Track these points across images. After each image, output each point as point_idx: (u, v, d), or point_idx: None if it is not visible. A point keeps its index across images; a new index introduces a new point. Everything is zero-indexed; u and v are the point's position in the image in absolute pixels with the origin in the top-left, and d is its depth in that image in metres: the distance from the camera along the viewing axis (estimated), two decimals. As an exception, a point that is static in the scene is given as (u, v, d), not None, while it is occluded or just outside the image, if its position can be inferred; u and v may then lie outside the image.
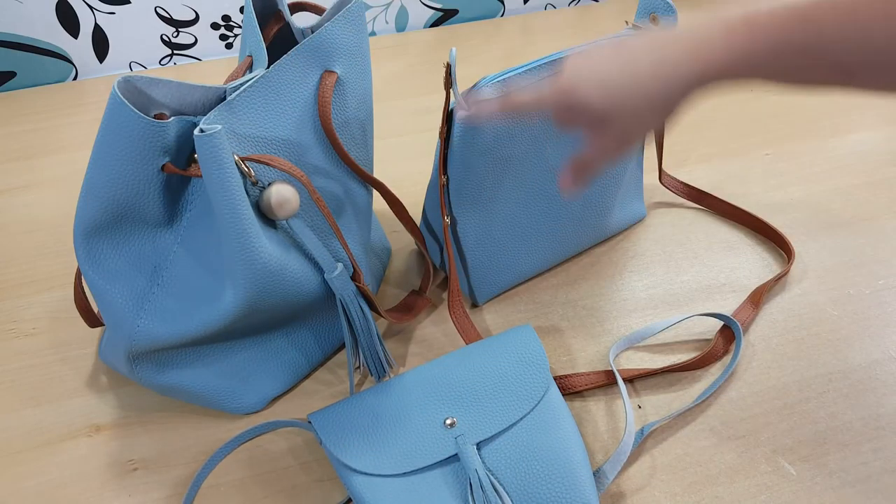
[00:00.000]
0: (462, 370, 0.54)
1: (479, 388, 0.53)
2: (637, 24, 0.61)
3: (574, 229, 0.67)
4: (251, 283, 0.48)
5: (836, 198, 0.77)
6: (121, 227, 0.48)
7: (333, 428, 0.51)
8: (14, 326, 0.65)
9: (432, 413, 0.52)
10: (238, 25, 1.06)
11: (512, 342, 0.55)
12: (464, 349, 0.56)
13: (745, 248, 0.71)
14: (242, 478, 0.53)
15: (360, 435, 0.51)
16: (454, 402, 0.52)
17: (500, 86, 0.55)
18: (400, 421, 0.51)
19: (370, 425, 0.51)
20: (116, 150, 0.45)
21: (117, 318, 0.50)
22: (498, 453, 0.50)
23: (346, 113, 0.54)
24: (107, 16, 0.99)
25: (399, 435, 0.51)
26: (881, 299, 0.65)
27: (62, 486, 0.53)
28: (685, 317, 0.62)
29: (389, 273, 0.69)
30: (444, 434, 0.51)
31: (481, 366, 0.54)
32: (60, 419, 0.57)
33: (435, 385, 0.53)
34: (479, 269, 0.64)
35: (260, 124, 0.49)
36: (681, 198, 0.77)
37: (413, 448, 0.50)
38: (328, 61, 0.52)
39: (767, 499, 0.51)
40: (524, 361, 0.54)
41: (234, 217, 0.45)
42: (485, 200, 0.61)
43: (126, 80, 0.43)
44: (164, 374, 0.54)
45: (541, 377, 0.53)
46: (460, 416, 0.51)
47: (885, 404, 0.57)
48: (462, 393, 0.52)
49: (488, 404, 0.52)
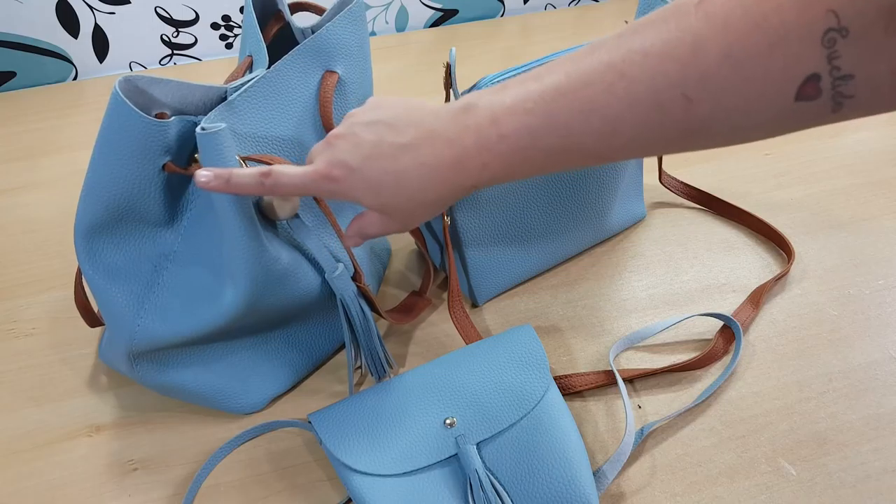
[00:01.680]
0: (462, 370, 0.54)
1: (479, 389, 0.53)
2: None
3: (574, 229, 0.67)
4: (251, 283, 0.48)
5: (836, 198, 0.77)
6: (121, 227, 0.48)
7: (333, 428, 0.51)
8: (14, 326, 0.65)
9: (432, 413, 0.52)
10: (238, 25, 1.06)
11: (512, 342, 0.55)
12: (464, 349, 0.56)
13: (745, 248, 0.71)
14: (242, 478, 0.53)
15: (360, 435, 0.51)
16: (454, 403, 0.52)
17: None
18: (400, 421, 0.51)
19: (370, 425, 0.51)
20: (117, 150, 0.45)
21: (117, 318, 0.50)
22: (498, 453, 0.50)
23: (346, 113, 0.54)
24: (107, 16, 0.99)
25: (399, 435, 0.51)
26: (881, 299, 0.65)
27: (62, 486, 0.53)
28: (685, 317, 0.62)
29: (389, 273, 0.69)
30: (443, 434, 0.51)
31: (481, 366, 0.54)
32: (60, 419, 0.57)
33: (435, 385, 0.53)
34: (479, 269, 0.64)
35: (261, 124, 0.49)
36: (681, 198, 0.77)
37: (413, 448, 0.50)
38: (329, 61, 0.52)
39: (767, 499, 0.51)
40: (524, 362, 0.54)
41: (234, 216, 0.45)
42: (484, 200, 0.61)
43: (127, 80, 0.43)
44: (165, 373, 0.54)
45: (541, 378, 0.53)
46: (460, 416, 0.51)
47: (885, 404, 0.57)
48: (462, 393, 0.52)
49: (488, 404, 0.52)
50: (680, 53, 0.34)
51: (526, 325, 0.57)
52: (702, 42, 0.34)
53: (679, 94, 0.35)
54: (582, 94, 0.37)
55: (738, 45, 0.33)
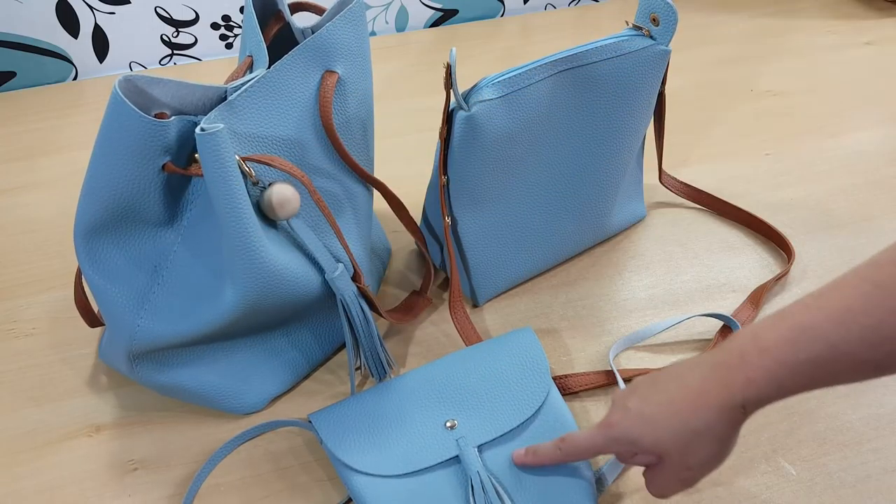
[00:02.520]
0: (463, 372, 0.54)
1: (480, 391, 0.53)
2: (637, 24, 0.61)
3: (574, 229, 0.67)
4: (251, 283, 0.48)
5: (836, 198, 0.77)
6: (121, 227, 0.48)
7: (334, 428, 0.51)
8: (14, 326, 0.65)
9: (433, 414, 0.52)
10: (238, 25, 1.06)
11: (512, 345, 0.55)
12: (464, 351, 0.56)
13: (745, 248, 0.71)
14: (242, 478, 0.53)
15: (361, 435, 0.51)
16: (455, 405, 0.52)
17: (500, 88, 0.55)
18: (401, 422, 0.51)
19: (371, 426, 0.51)
20: (117, 150, 0.45)
21: (117, 318, 0.50)
22: (499, 456, 0.50)
23: (346, 113, 0.54)
24: (107, 16, 0.99)
25: (400, 436, 0.51)
26: (881, 299, 0.65)
27: (62, 486, 0.53)
28: (685, 317, 0.62)
29: (390, 273, 0.69)
30: (445, 435, 0.51)
31: (482, 368, 0.54)
32: (60, 419, 0.57)
33: (436, 387, 0.53)
34: (480, 269, 0.64)
35: (261, 124, 0.49)
36: (681, 198, 0.77)
37: (414, 449, 0.50)
38: (329, 61, 0.52)
39: (767, 499, 0.51)
40: (524, 365, 0.54)
41: (235, 216, 0.45)
42: (485, 201, 0.61)
43: (127, 80, 0.43)
44: (165, 373, 0.54)
45: (541, 381, 0.53)
46: (461, 418, 0.51)
47: (885, 404, 0.57)
48: (463, 395, 0.52)
49: (489, 407, 0.52)
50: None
51: (526, 327, 0.57)
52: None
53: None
54: (837, 302, 0.38)
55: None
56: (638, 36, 0.61)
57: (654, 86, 0.63)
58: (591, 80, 0.60)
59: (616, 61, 0.60)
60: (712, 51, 1.05)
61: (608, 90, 0.61)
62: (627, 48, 0.60)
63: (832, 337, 0.38)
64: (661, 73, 0.63)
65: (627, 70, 0.61)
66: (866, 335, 0.37)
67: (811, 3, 1.18)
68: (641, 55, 0.61)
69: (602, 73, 0.60)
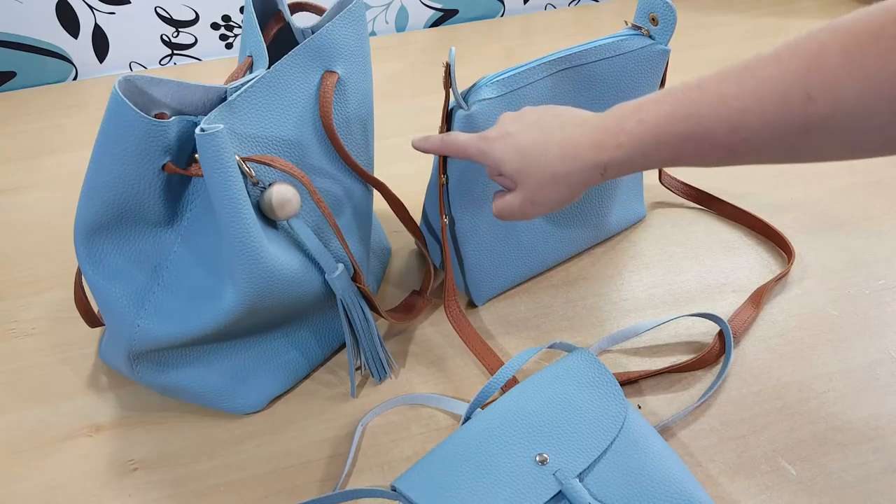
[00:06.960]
0: (533, 405, 0.50)
1: (558, 420, 0.49)
2: (636, 23, 0.61)
3: (574, 229, 0.67)
4: (252, 283, 0.48)
5: (836, 198, 0.77)
6: (121, 227, 0.48)
7: (424, 489, 0.47)
8: (14, 326, 0.65)
9: (520, 453, 0.48)
10: (238, 25, 1.06)
11: (574, 368, 0.52)
12: (524, 384, 0.52)
13: (745, 248, 0.71)
14: (243, 478, 0.53)
15: (455, 491, 0.46)
16: (538, 438, 0.48)
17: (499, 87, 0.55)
18: (490, 467, 0.47)
19: (461, 479, 0.47)
20: (117, 150, 0.45)
21: (117, 318, 0.50)
22: (601, 481, 0.46)
23: (346, 113, 0.54)
24: (107, 16, 0.99)
25: (495, 482, 0.47)
26: (881, 299, 0.65)
27: (62, 486, 0.53)
28: (672, 318, 0.61)
29: (389, 273, 0.69)
30: (539, 472, 0.47)
31: (552, 397, 0.51)
32: (60, 419, 0.57)
33: (512, 424, 0.49)
34: (479, 269, 0.64)
35: (261, 124, 0.49)
36: (681, 198, 0.77)
37: (514, 493, 0.46)
38: (329, 62, 0.52)
39: (767, 499, 0.51)
40: (593, 385, 0.51)
41: (234, 217, 0.45)
42: (484, 200, 0.61)
43: (127, 80, 0.43)
44: (165, 373, 0.54)
45: (615, 398, 0.50)
46: (550, 451, 0.48)
47: (885, 404, 0.57)
48: (542, 427, 0.49)
49: (573, 434, 0.48)
50: (805, 56, 0.39)
51: (583, 349, 0.54)
52: (825, 48, 0.38)
53: (802, 92, 0.38)
54: (715, 87, 0.42)
55: (856, 49, 0.37)
56: (637, 35, 0.61)
57: (653, 85, 0.63)
58: (590, 80, 0.60)
59: (615, 60, 0.60)
60: (712, 51, 1.05)
61: (607, 89, 0.61)
62: (626, 47, 0.60)
63: (704, 116, 0.42)
64: (660, 72, 0.63)
65: (626, 69, 0.61)
66: (732, 118, 0.41)
67: (811, 3, 1.18)
68: (640, 54, 0.61)
69: (601, 73, 0.60)
